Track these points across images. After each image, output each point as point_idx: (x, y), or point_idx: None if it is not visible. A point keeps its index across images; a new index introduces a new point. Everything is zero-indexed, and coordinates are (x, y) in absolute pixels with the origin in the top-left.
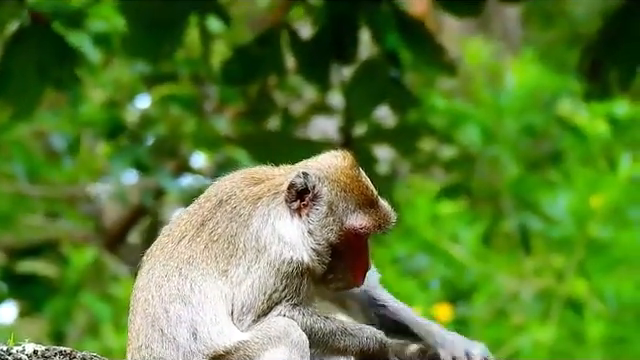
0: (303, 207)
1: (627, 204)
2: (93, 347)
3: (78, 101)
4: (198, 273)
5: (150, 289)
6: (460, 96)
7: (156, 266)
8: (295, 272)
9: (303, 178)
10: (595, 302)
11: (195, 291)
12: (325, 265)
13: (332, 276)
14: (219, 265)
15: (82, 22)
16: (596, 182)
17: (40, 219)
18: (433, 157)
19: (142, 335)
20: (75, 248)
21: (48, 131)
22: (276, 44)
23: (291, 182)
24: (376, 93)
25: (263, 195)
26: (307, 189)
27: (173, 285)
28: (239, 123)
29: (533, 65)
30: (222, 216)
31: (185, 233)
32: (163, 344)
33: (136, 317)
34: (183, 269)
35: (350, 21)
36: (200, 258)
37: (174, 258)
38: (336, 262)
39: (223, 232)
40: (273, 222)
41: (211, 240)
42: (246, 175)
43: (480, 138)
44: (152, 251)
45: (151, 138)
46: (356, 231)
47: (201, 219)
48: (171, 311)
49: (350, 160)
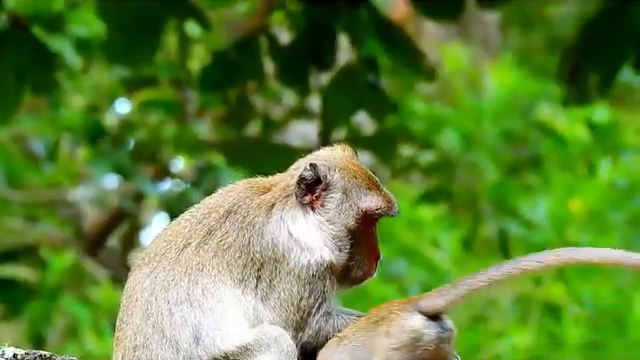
0: (315, 200)
1: (606, 209)
2: (72, 351)
3: (58, 105)
4: (210, 280)
5: (154, 291)
6: (439, 101)
7: (159, 270)
8: (317, 274)
9: (312, 170)
10: (573, 307)
11: (208, 297)
12: (347, 253)
13: (353, 263)
14: (233, 274)
15: (62, 27)
16: (575, 187)
17: (19, 223)
18: (412, 162)
19: (140, 335)
20: (54, 252)
21: (28, 135)
22: (255, 49)
23: (300, 176)
24: (354, 99)
25: (275, 201)
26: (317, 180)
27: (182, 289)
28: (219, 128)
29: (512, 70)
30: (232, 225)
31: (190, 240)
32: (163, 345)
33: (133, 317)
34: (192, 275)
35: (328, 27)
36: (210, 265)
37: (181, 264)
38: (354, 249)
39: (234, 241)
40: (288, 226)
41: (221, 249)
42: (251, 184)
43: (459, 143)
44: (150, 255)
45: (131, 143)
46: (372, 212)
47: (207, 228)
48: (176, 314)
49: (350, 150)
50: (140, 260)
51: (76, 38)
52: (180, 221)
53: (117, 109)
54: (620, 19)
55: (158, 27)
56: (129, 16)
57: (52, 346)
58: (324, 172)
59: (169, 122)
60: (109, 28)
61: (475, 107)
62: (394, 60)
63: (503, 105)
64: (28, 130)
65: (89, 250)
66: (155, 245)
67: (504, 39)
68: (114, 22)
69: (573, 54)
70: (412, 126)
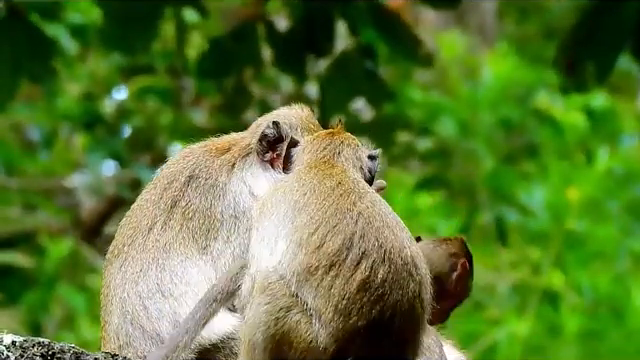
0: (276, 157)
1: (603, 197)
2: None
3: (55, 93)
4: (177, 260)
5: (125, 287)
6: (436, 89)
7: (127, 262)
8: None
9: (274, 128)
10: (571, 295)
11: (176, 282)
12: None
13: None
14: (198, 243)
15: (59, 14)
16: (572, 175)
17: (17, 211)
18: (410, 149)
19: (122, 334)
20: (52, 240)
21: (25, 123)
22: (252, 37)
23: (263, 133)
24: (352, 86)
25: (236, 160)
26: (279, 138)
27: (151, 280)
28: (215, 115)
29: (509, 58)
30: (194, 191)
31: (155, 220)
32: (146, 341)
33: (112, 317)
34: (160, 259)
35: (326, 14)
36: (177, 242)
37: (148, 250)
38: None
39: (198, 207)
40: (249, 184)
41: (186, 219)
42: (209, 146)
43: (456, 131)
44: (119, 247)
45: (128, 130)
46: None
47: (171, 201)
48: (151, 307)
49: (308, 110)
50: (110, 254)
51: (72, 26)
52: (141, 202)
53: (114, 97)
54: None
55: (155, 15)
56: (125, 4)
57: (49, 333)
58: (286, 130)
59: (165, 110)
60: (106, 16)
61: (472, 95)
62: (391, 48)
63: (500, 93)
64: (25, 118)
65: (86, 237)
66: (122, 235)
67: (501, 27)
68: (111, 10)
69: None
70: (409, 113)
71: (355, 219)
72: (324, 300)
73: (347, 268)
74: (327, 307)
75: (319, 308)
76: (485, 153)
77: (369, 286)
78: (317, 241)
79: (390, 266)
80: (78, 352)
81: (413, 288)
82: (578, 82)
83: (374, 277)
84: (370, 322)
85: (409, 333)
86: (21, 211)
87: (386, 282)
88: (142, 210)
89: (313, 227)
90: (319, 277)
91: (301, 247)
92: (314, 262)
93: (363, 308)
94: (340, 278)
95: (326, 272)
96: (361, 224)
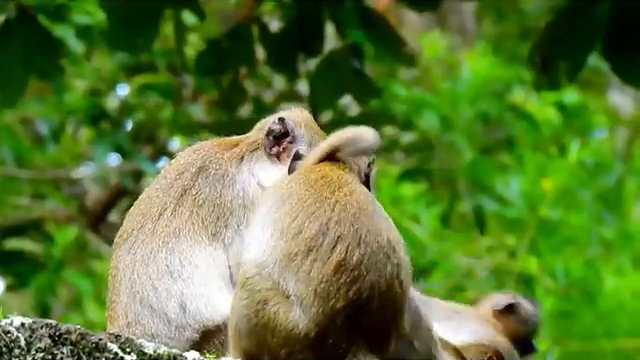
0: (282, 151)
1: (575, 187)
2: (76, 320)
3: (62, 90)
4: (187, 244)
5: (135, 268)
6: (419, 86)
7: (137, 245)
8: None
9: (280, 124)
10: (545, 278)
11: (185, 264)
12: None
13: None
14: (208, 230)
15: (66, 15)
16: (546, 166)
17: (26, 200)
18: (394, 142)
19: (130, 312)
20: (59, 227)
21: (34, 118)
22: (247, 37)
23: (269, 129)
24: (340, 83)
25: (244, 154)
26: (284, 134)
27: (161, 262)
28: (213, 111)
29: (487, 57)
30: (204, 181)
31: (165, 207)
32: (154, 319)
33: (121, 296)
34: (170, 243)
35: (316, 16)
36: (187, 227)
37: (157, 234)
38: None
39: (207, 196)
40: (257, 175)
41: (196, 206)
42: (219, 142)
43: (438, 125)
44: (128, 231)
45: (130, 124)
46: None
47: (181, 189)
48: (160, 287)
49: (307, 112)
50: (118, 238)
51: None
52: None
53: (117, 93)
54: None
55: (156, 16)
56: (128, 7)
57: (57, 316)
58: (291, 126)
59: (166, 105)
60: (110, 17)
61: (452, 91)
62: (377, 48)
63: (478, 89)
64: (34, 113)
65: (92, 225)
66: (131, 221)
67: (479, 28)
68: (115, 12)
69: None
70: (394, 109)
71: (332, 206)
72: (305, 285)
73: (324, 252)
74: (307, 291)
75: (301, 293)
76: (465, 146)
77: (345, 268)
78: (296, 228)
79: (366, 248)
80: (84, 333)
81: (391, 270)
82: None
83: (349, 259)
84: (349, 303)
85: (389, 313)
86: (30, 200)
87: (362, 264)
88: (152, 198)
89: (293, 215)
90: (299, 262)
91: (282, 235)
92: (294, 248)
93: (340, 290)
94: (318, 262)
95: (305, 257)
96: (338, 210)
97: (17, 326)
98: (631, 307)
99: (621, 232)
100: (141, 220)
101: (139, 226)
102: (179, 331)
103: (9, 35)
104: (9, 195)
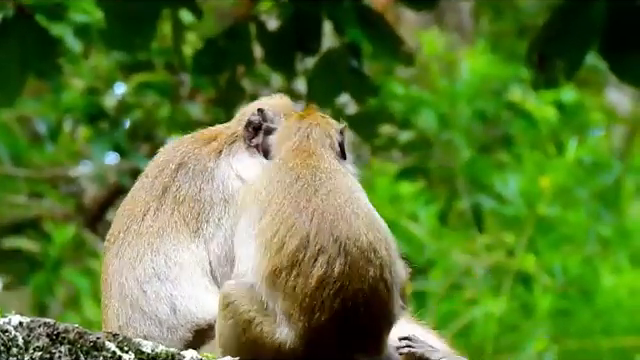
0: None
1: (573, 185)
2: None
3: (60, 88)
4: (170, 245)
5: (122, 272)
6: (417, 84)
7: (124, 248)
8: None
9: (259, 115)
10: (543, 276)
11: (170, 265)
12: None
13: None
14: (190, 227)
15: (64, 14)
16: (544, 164)
17: (24, 198)
18: (392, 141)
19: (122, 316)
20: (57, 226)
21: (31, 116)
22: (245, 36)
23: (248, 120)
24: (338, 82)
25: (222, 147)
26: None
27: (147, 264)
28: (211, 109)
29: (485, 55)
30: (184, 177)
31: (148, 207)
32: (145, 322)
33: (112, 301)
34: (154, 244)
35: (313, 14)
36: (170, 227)
37: (142, 235)
38: None
39: (187, 193)
40: (236, 168)
41: (177, 203)
42: (196, 137)
43: (436, 123)
44: (114, 235)
45: (128, 123)
46: None
47: (162, 187)
48: (149, 290)
49: (288, 99)
50: (107, 241)
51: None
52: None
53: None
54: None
55: (153, 15)
56: (126, 6)
57: (54, 314)
58: (271, 116)
59: (163, 103)
60: (108, 16)
61: (450, 89)
62: (375, 46)
63: (477, 87)
64: (32, 112)
65: (89, 224)
66: (118, 222)
67: (477, 26)
68: (112, 10)
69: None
70: (392, 107)
71: (310, 217)
72: (291, 301)
73: (306, 266)
74: (294, 307)
75: (287, 309)
76: (463, 144)
77: (327, 282)
78: (278, 243)
79: (346, 257)
80: (81, 332)
81: (373, 272)
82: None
83: (331, 272)
84: (334, 315)
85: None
86: (28, 199)
87: (344, 274)
88: (135, 198)
89: (275, 229)
90: (284, 278)
91: (266, 250)
92: (277, 264)
93: (324, 303)
94: (301, 277)
95: (289, 273)
96: (316, 221)
97: (15, 325)
98: (629, 305)
99: (619, 230)
100: (127, 222)
101: (125, 228)
102: (171, 332)
103: (6, 34)
104: (6, 194)
